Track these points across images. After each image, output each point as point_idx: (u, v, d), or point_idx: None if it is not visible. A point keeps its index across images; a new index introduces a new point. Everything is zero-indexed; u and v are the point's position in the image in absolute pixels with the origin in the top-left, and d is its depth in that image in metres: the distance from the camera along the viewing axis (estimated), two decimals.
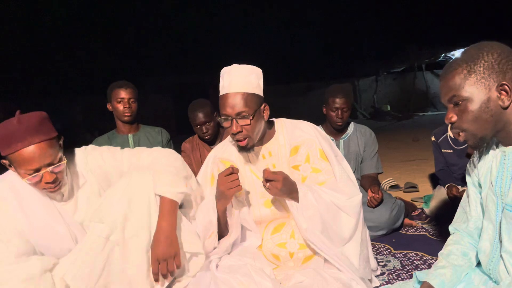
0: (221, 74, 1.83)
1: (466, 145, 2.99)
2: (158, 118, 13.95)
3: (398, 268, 2.23)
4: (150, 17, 14.23)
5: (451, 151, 3.10)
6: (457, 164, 3.06)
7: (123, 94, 2.85)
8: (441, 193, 3.03)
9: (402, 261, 2.33)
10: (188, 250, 1.78)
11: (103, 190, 1.85)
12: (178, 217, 1.77)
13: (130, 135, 2.93)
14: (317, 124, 2.53)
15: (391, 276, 2.13)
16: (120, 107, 2.85)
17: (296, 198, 1.73)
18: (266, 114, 1.84)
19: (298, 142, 1.90)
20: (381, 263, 2.32)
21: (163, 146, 2.98)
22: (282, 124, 1.98)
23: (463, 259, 1.46)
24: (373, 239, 2.62)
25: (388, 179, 4.26)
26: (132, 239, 1.71)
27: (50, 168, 1.60)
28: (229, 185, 1.70)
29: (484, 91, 1.25)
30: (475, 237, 1.48)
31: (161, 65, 15.18)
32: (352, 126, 3.05)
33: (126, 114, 2.85)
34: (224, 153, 2.00)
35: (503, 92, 1.23)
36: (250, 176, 1.93)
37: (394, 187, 4.13)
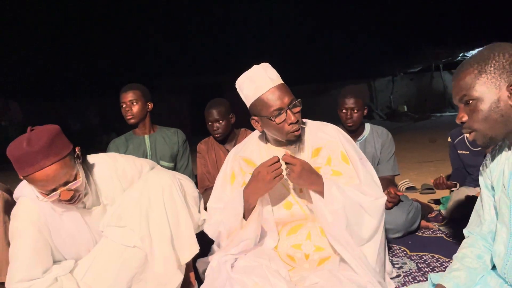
0: (248, 79, 1.81)
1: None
2: (174, 118, 14.05)
3: (414, 271, 2.21)
4: (165, 18, 14.34)
5: (468, 152, 3.06)
6: (475, 165, 3.02)
7: (124, 97, 2.85)
8: (458, 194, 2.99)
9: (418, 263, 2.31)
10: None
11: None
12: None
13: (146, 136, 2.96)
14: None
15: (407, 279, 2.12)
16: (123, 110, 2.86)
17: (320, 192, 1.72)
18: None
19: (320, 145, 1.90)
20: (396, 265, 2.30)
21: (179, 147, 3.02)
22: (304, 125, 1.99)
23: (478, 261, 1.45)
24: (389, 241, 2.60)
25: (405, 180, 4.21)
26: (156, 234, 1.75)
27: (66, 187, 1.58)
28: (273, 174, 1.67)
29: (494, 91, 1.26)
30: (488, 241, 1.47)
31: (177, 66, 15.28)
32: (368, 127, 3.02)
33: (128, 117, 2.86)
34: (245, 151, 2.01)
35: None
36: None
37: (410, 188, 4.09)
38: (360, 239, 1.78)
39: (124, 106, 2.85)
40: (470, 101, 1.29)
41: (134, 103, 2.84)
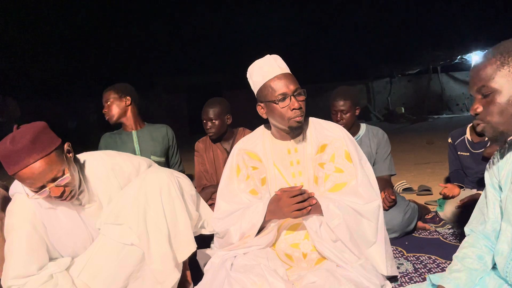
0: (258, 66, 1.88)
1: (483, 149, 2.95)
2: (172, 118, 14.05)
3: (410, 271, 2.22)
4: (163, 18, 14.32)
5: (468, 154, 3.06)
6: (473, 167, 3.02)
7: (103, 99, 2.95)
8: (452, 198, 3.00)
9: (415, 264, 2.31)
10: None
11: None
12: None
13: (134, 132, 2.99)
14: None
15: (403, 279, 2.12)
16: (104, 110, 2.96)
17: (321, 212, 1.76)
18: None
19: (326, 141, 1.93)
20: None
21: (169, 141, 3.08)
22: (310, 122, 2.01)
23: (479, 262, 1.44)
24: None
25: (402, 181, 4.23)
26: (153, 232, 1.74)
27: (55, 183, 1.57)
28: (294, 207, 1.70)
29: None
30: (492, 239, 1.46)
31: (175, 66, 15.27)
32: (363, 127, 3.02)
33: (106, 118, 2.96)
34: (249, 145, 2.04)
35: None
36: (273, 170, 1.95)
37: (407, 189, 4.10)
38: (367, 242, 1.82)
39: (103, 108, 2.96)
40: (489, 93, 1.27)
41: (110, 103, 2.93)
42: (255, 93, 1.93)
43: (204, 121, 2.99)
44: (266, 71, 1.84)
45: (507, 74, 1.24)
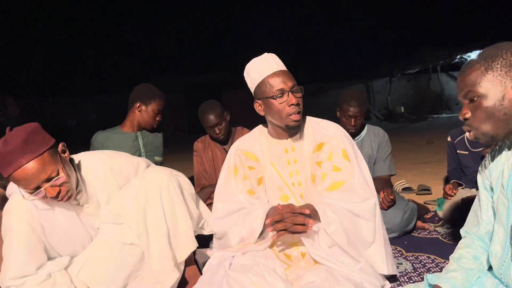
0: (255, 64, 1.90)
1: (482, 148, 2.95)
2: (171, 117, 14.03)
3: (409, 271, 2.22)
4: (163, 17, 14.33)
5: (467, 152, 3.06)
6: (472, 166, 3.02)
7: (162, 106, 2.91)
8: (454, 196, 3.00)
9: (414, 264, 2.31)
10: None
11: None
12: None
13: (139, 133, 2.94)
14: None
15: (403, 279, 2.12)
16: (157, 117, 2.91)
17: (318, 219, 1.75)
18: None
19: (323, 140, 1.94)
20: None
21: (163, 143, 3.09)
22: (307, 121, 2.02)
23: (474, 262, 1.45)
24: None
25: (401, 181, 4.22)
26: (153, 231, 1.74)
27: (49, 183, 1.57)
28: (290, 226, 1.66)
29: (499, 88, 1.25)
30: (486, 241, 1.47)
31: (173, 65, 15.28)
32: (365, 128, 3.03)
33: (156, 125, 2.95)
34: (247, 145, 2.04)
35: None
36: (270, 169, 1.95)
37: (406, 189, 4.09)
38: (365, 243, 1.82)
39: (159, 113, 2.92)
40: (475, 98, 1.29)
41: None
42: (252, 90, 1.94)
43: (210, 128, 2.95)
44: (264, 68, 1.85)
45: (492, 79, 1.26)
